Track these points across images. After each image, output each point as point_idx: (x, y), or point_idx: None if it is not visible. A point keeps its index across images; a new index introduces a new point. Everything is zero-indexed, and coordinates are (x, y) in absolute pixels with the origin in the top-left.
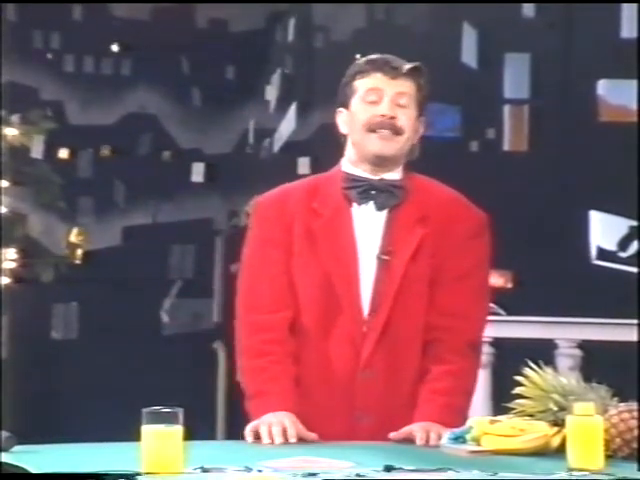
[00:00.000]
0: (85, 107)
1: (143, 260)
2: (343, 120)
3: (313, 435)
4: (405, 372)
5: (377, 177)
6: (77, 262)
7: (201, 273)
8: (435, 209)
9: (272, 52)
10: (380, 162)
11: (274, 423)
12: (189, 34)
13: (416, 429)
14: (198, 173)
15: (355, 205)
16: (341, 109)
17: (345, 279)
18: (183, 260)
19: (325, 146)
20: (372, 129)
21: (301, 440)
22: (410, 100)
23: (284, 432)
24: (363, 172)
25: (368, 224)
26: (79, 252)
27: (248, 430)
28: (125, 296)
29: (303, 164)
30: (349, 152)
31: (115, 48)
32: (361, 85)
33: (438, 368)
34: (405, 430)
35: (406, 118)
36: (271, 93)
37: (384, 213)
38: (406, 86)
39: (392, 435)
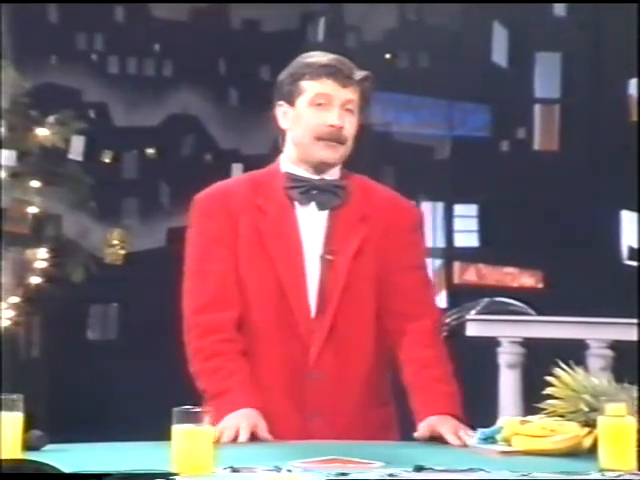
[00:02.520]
0: (129, 108)
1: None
2: (284, 114)
3: (269, 437)
4: (355, 370)
5: (318, 177)
6: (118, 263)
7: None
8: (375, 208)
9: (304, 52)
10: (322, 167)
11: (228, 427)
12: (224, 35)
13: (443, 430)
14: (237, 174)
15: (297, 205)
16: (282, 102)
17: (293, 279)
18: None
19: (357, 145)
20: (320, 137)
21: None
22: (355, 107)
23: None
24: (304, 172)
25: (311, 224)
26: (120, 253)
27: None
28: (169, 298)
29: None
30: (289, 150)
31: (157, 48)
32: (309, 87)
33: (424, 353)
34: (427, 428)
35: (351, 126)
36: None
37: (325, 213)
38: (353, 94)
39: (417, 435)
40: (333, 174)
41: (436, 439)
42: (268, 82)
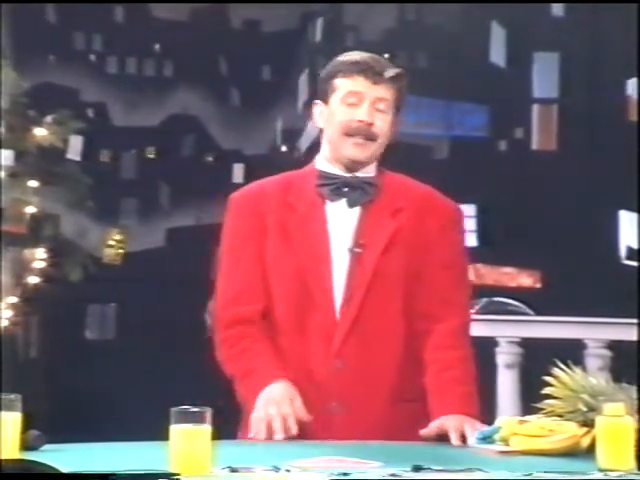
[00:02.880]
0: (129, 108)
1: (187, 262)
2: (320, 113)
3: (308, 416)
4: (381, 364)
5: (350, 175)
6: (116, 263)
7: None
8: (408, 203)
9: (304, 52)
10: (353, 165)
11: (274, 418)
12: (224, 35)
13: (449, 425)
14: (239, 174)
15: (328, 202)
16: (318, 102)
17: (318, 272)
18: None
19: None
20: (349, 133)
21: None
22: (388, 105)
23: (285, 424)
24: (337, 170)
25: (341, 219)
26: (119, 253)
27: (257, 431)
28: (168, 298)
29: None
30: (324, 149)
31: (157, 48)
32: (342, 85)
33: (447, 354)
34: (436, 425)
35: (382, 124)
36: (301, 92)
37: (357, 209)
38: (386, 92)
39: (423, 432)
40: (368, 171)
41: (443, 438)
42: (268, 82)
